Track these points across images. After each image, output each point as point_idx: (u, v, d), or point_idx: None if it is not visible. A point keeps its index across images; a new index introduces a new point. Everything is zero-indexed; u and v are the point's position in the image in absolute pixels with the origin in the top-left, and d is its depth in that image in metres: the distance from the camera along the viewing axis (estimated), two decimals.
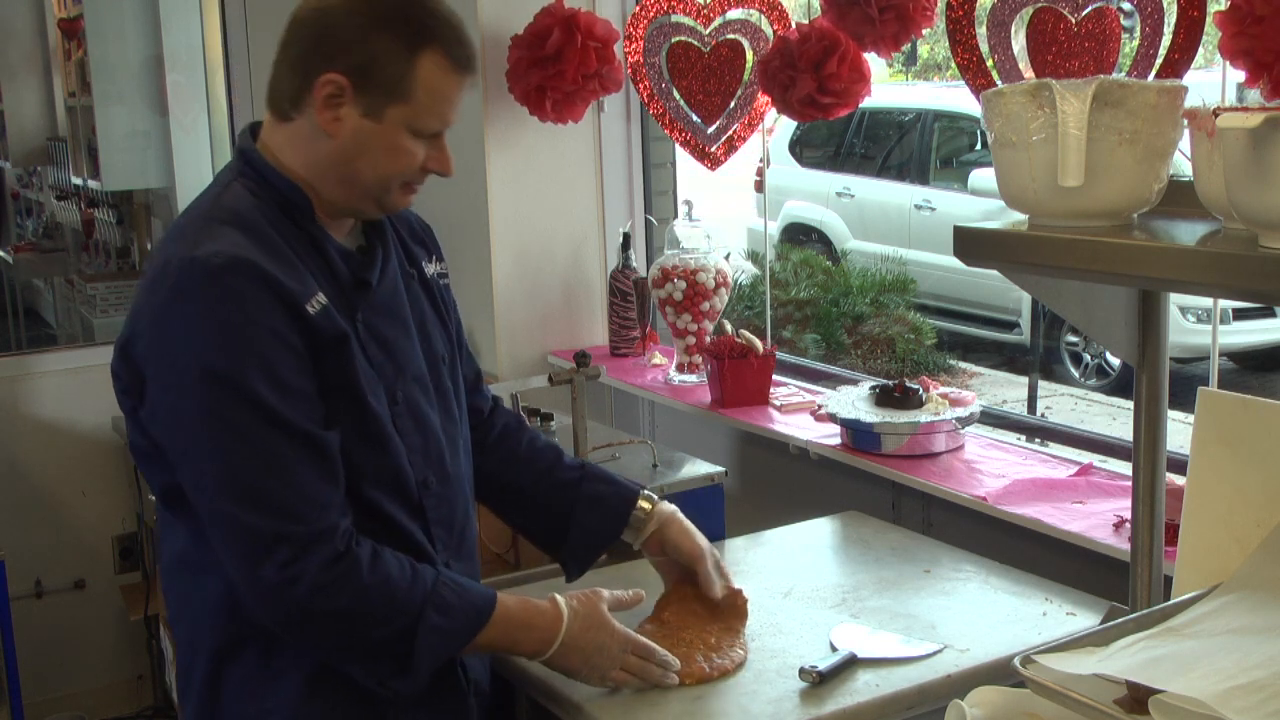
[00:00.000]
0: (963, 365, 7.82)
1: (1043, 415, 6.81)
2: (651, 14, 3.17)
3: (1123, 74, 2.16)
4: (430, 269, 1.84)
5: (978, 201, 7.44)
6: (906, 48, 2.64)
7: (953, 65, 2.36)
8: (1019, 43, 2.28)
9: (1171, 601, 1.51)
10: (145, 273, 1.64)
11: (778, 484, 2.97)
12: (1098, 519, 2.15)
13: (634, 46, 3.19)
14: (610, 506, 1.93)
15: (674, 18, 3.18)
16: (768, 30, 3.01)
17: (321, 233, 1.66)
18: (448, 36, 1.63)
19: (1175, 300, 1.90)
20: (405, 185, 1.69)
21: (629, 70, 3.22)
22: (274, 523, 1.53)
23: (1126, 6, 2.17)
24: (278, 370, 1.54)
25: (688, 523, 1.96)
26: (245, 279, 1.53)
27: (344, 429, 1.61)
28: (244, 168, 1.67)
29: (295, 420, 1.55)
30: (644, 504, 1.94)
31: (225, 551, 1.56)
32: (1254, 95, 1.81)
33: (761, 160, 7.26)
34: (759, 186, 8.91)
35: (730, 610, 1.92)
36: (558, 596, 1.74)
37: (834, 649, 1.83)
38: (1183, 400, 1.83)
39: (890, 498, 2.64)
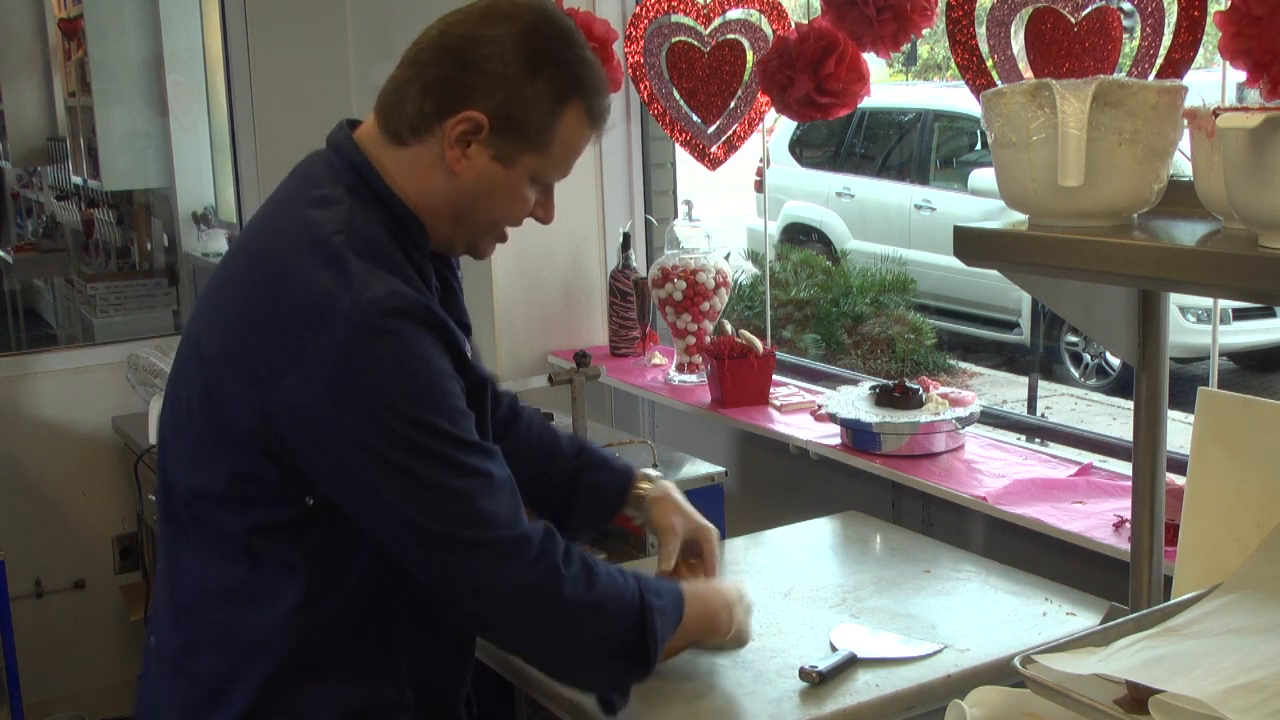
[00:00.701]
0: (963, 365, 7.82)
1: (1043, 415, 6.81)
2: (651, 14, 3.16)
3: (1123, 74, 2.16)
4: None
5: (978, 201, 7.45)
6: (906, 48, 2.64)
7: (953, 65, 2.36)
8: (1019, 43, 2.28)
9: (1171, 601, 1.51)
10: (264, 292, 1.51)
11: (778, 484, 2.97)
12: (1098, 519, 2.15)
13: (634, 46, 3.19)
14: (608, 497, 1.95)
15: (674, 18, 3.18)
16: (768, 30, 3.01)
17: (429, 268, 1.61)
18: (594, 88, 1.58)
19: (1175, 300, 1.90)
20: (501, 233, 1.67)
21: (629, 70, 3.22)
22: (512, 530, 1.52)
23: (1127, 6, 2.17)
24: (459, 408, 1.52)
25: (675, 500, 1.95)
26: (420, 323, 1.48)
27: None
28: (357, 183, 1.56)
29: (487, 445, 1.55)
30: (643, 485, 1.95)
31: (466, 574, 1.51)
32: (1254, 95, 1.81)
33: (761, 160, 7.27)
34: (759, 186, 8.91)
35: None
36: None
37: (834, 649, 1.83)
38: (1183, 400, 1.83)
39: (890, 498, 2.64)
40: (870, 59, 2.67)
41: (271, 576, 1.57)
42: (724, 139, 3.14)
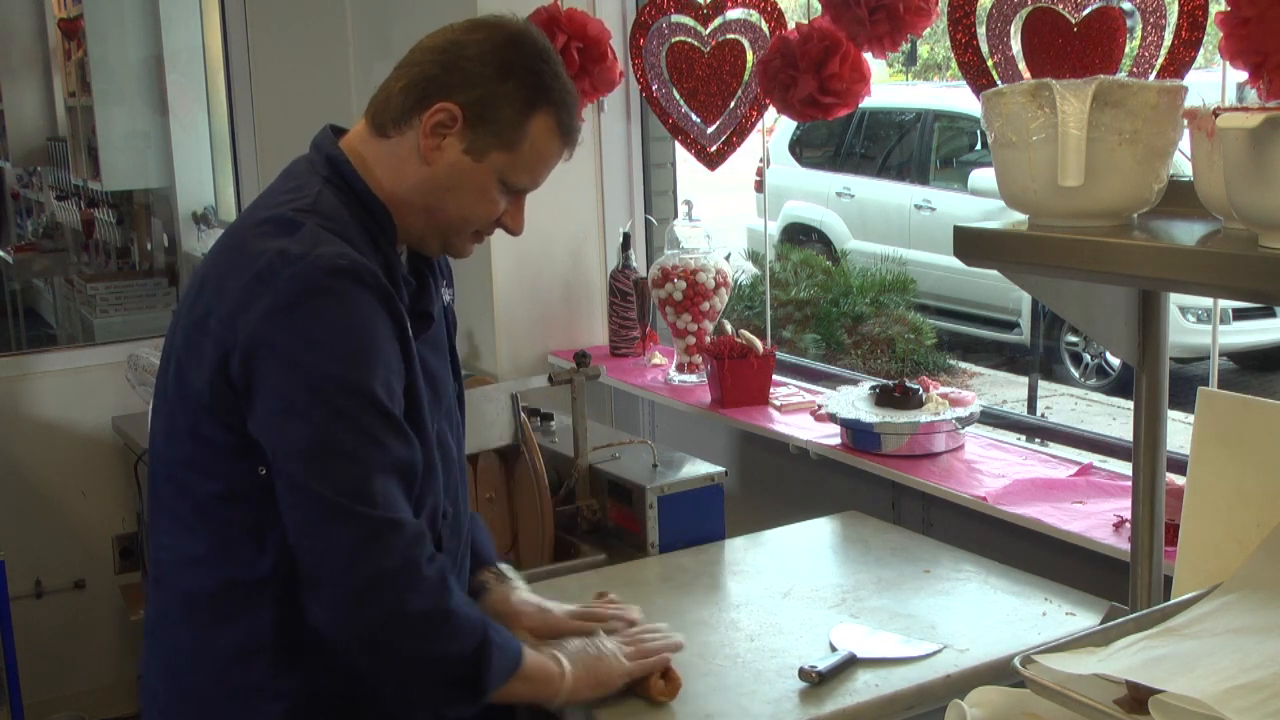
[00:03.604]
0: (963, 365, 7.82)
1: (1043, 415, 6.81)
2: (652, 14, 3.16)
3: (1123, 74, 2.16)
4: (447, 296, 1.85)
5: (978, 201, 7.44)
6: (906, 47, 2.64)
7: (953, 65, 2.35)
8: (1018, 43, 2.27)
9: (1171, 601, 1.51)
10: (225, 264, 1.58)
11: (778, 484, 2.97)
12: (1098, 519, 2.15)
13: (634, 47, 3.19)
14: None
15: (674, 18, 3.18)
16: (768, 30, 3.01)
17: (396, 258, 1.67)
18: (565, 104, 1.67)
19: (1175, 300, 1.90)
20: (476, 234, 1.72)
21: (635, 71, 3.22)
22: (390, 513, 1.53)
23: (1127, 6, 2.17)
24: (393, 381, 1.56)
25: (511, 603, 1.88)
26: (367, 287, 1.54)
27: None
28: (332, 175, 1.65)
29: (403, 424, 1.57)
30: (485, 575, 1.91)
31: (338, 543, 1.51)
32: (1255, 95, 1.81)
33: (761, 160, 7.27)
34: (759, 186, 8.91)
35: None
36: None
37: (834, 649, 1.83)
38: (1183, 400, 1.83)
39: (890, 498, 2.64)
40: (872, 59, 2.67)
41: (235, 549, 1.61)
42: (724, 139, 3.14)
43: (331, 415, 1.51)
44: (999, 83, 2.29)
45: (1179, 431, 1.80)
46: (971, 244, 1.55)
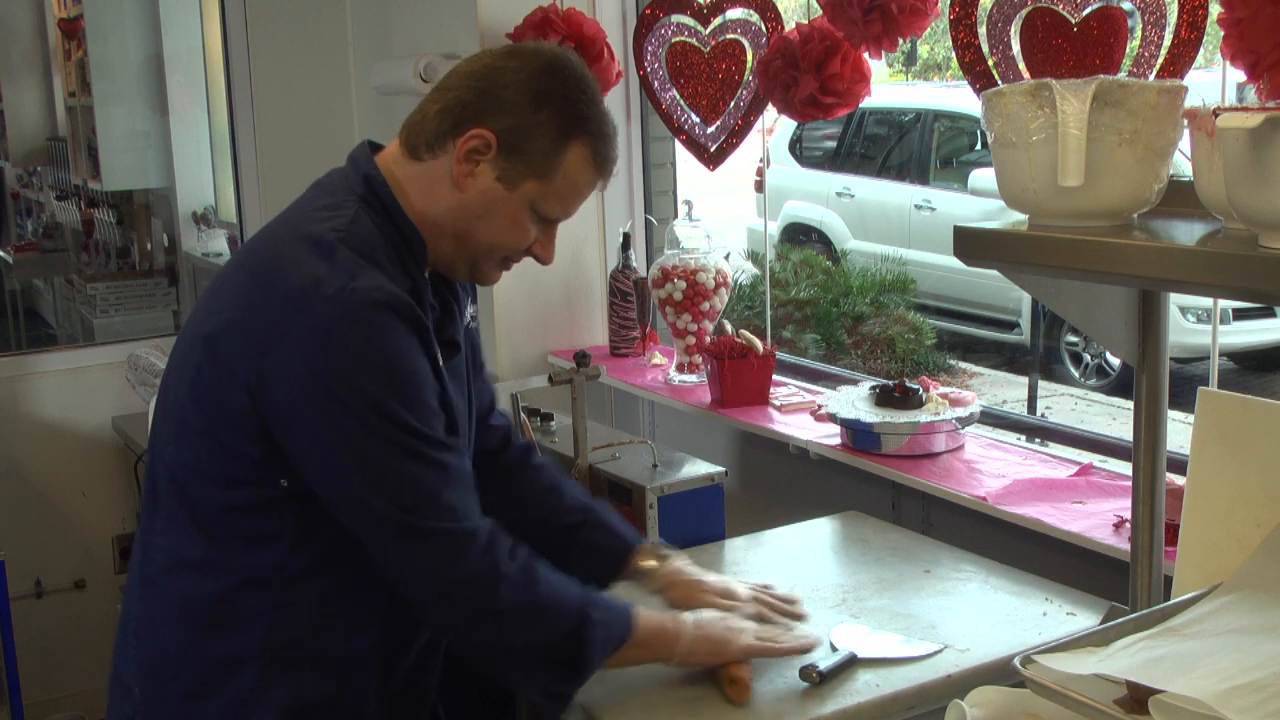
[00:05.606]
0: (963, 365, 7.82)
1: (1043, 415, 6.82)
2: (652, 14, 3.16)
3: (1123, 74, 2.16)
4: (471, 311, 1.85)
5: (978, 201, 7.45)
6: (905, 47, 2.64)
7: (953, 65, 2.35)
8: (1018, 43, 2.27)
9: (1171, 601, 1.51)
10: (256, 276, 1.59)
11: (778, 484, 2.97)
12: (1098, 519, 2.15)
13: (635, 47, 3.19)
14: (605, 559, 1.93)
15: (674, 18, 3.18)
16: (767, 30, 3.00)
17: (425, 283, 1.67)
18: (602, 134, 1.67)
19: (1175, 300, 1.90)
20: (505, 260, 1.73)
21: (639, 71, 3.22)
22: (463, 523, 1.57)
23: (1127, 6, 2.17)
24: (431, 400, 1.58)
25: (690, 578, 1.91)
26: (402, 319, 1.54)
27: None
28: (368, 195, 1.64)
29: (449, 440, 1.60)
30: (647, 561, 1.92)
31: (416, 562, 1.56)
32: (1254, 95, 1.81)
33: (761, 160, 7.27)
34: (759, 186, 8.92)
35: None
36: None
37: (834, 649, 1.83)
38: (1183, 400, 1.83)
39: (890, 498, 2.64)
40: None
41: (234, 555, 1.61)
42: (724, 139, 3.14)
43: (384, 443, 1.53)
44: (999, 83, 2.29)
45: (1179, 431, 1.80)
46: (971, 244, 1.55)
